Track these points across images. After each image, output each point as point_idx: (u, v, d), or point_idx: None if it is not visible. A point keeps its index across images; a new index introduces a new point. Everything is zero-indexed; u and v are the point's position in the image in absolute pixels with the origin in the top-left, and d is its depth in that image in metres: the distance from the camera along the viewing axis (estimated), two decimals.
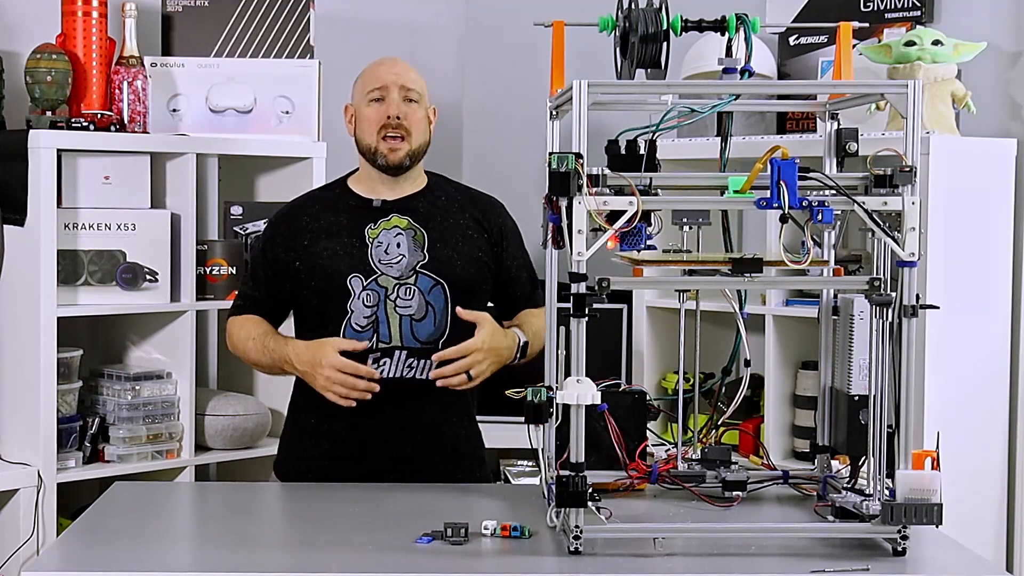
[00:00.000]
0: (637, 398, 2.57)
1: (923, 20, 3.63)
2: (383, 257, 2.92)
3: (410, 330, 2.90)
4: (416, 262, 2.92)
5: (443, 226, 2.97)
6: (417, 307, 2.90)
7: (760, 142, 3.53)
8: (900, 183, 2.27)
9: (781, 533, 2.37)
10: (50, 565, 2.34)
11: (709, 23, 2.50)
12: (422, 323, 2.90)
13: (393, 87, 2.95)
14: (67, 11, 3.61)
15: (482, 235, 3.00)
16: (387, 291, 2.90)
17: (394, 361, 2.89)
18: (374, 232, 2.94)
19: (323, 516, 2.55)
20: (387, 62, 3.02)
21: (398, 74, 2.97)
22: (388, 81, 2.96)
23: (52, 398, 3.43)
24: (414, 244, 2.93)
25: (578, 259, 2.22)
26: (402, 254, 2.92)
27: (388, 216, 2.95)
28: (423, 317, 2.90)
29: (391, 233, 2.93)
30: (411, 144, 2.95)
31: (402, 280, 2.91)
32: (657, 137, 2.41)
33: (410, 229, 2.94)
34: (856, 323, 2.40)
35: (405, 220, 2.95)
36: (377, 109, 2.95)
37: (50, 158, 3.41)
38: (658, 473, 2.53)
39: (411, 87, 2.96)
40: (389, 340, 2.89)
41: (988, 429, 3.47)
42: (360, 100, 2.99)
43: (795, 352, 3.61)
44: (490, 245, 3.00)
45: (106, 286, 3.59)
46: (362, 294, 2.90)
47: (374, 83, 2.96)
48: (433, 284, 2.91)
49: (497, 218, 3.05)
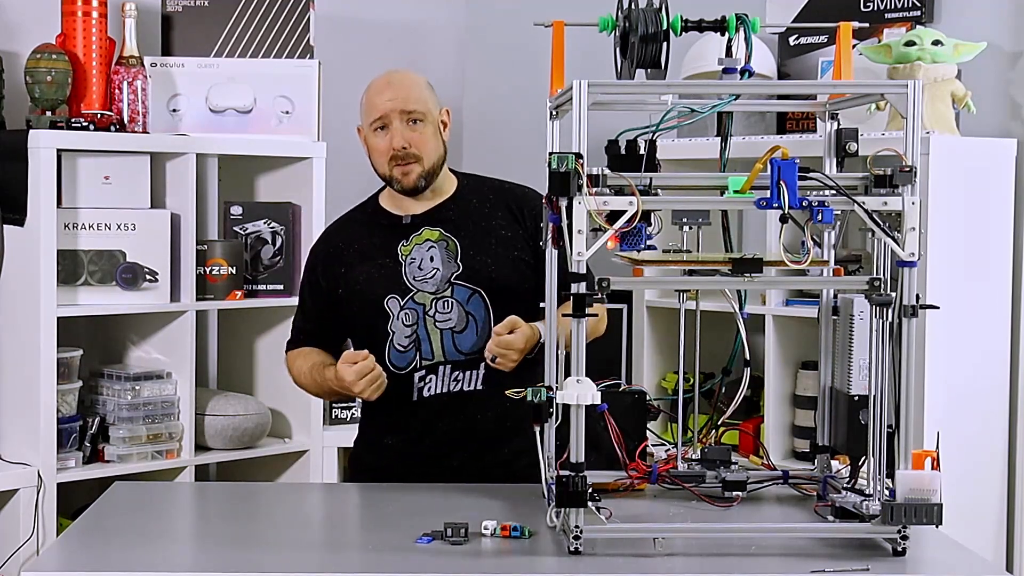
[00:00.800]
0: (637, 398, 2.57)
1: (923, 20, 3.63)
2: (417, 274, 2.89)
3: (452, 343, 2.87)
4: (451, 274, 2.89)
5: (476, 231, 2.92)
6: (457, 319, 2.88)
7: (760, 142, 3.53)
8: (900, 183, 2.27)
9: (781, 533, 2.37)
10: (50, 565, 2.34)
11: (709, 23, 2.50)
12: (463, 335, 2.88)
13: (393, 115, 2.87)
14: (67, 11, 3.61)
15: (517, 231, 2.94)
16: (425, 307, 2.88)
17: (439, 377, 2.88)
18: (406, 249, 2.91)
19: (323, 516, 2.55)
20: (383, 86, 2.92)
21: (394, 99, 2.88)
22: (386, 110, 2.88)
23: (52, 398, 3.43)
24: (447, 255, 2.90)
25: (578, 259, 2.21)
26: (436, 268, 2.89)
27: (419, 231, 2.92)
28: (464, 329, 2.88)
29: (423, 248, 2.91)
30: (423, 166, 2.90)
31: (438, 294, 2.88)
32: (657, 137, 2.40)
33: (442, 240, 2.91)
34: (856, 323, 2.40)
35: (436, 232, 2.92)
36: (382, 139, 2.89)
37: (50, 158, 3.41)
38: (658, 473, 2.53)
39: (412, 108, 2.88)
40: (432, 356, 2.87)
41: (988, 429, 3.47)
42: (366, 128, 2.93)
43: (795, 352, 3.61)
44: (527, 239, 2.94)
45: (106, 286, 3.59)
46: (400, 314, 2.88)
47: (374, 113, 2.90)
48: (471, 294, 2.88)
49: (532, 209, 2.94)
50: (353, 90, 3.06)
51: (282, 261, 3.87)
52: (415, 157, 2.89)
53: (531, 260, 2.92)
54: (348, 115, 3.04)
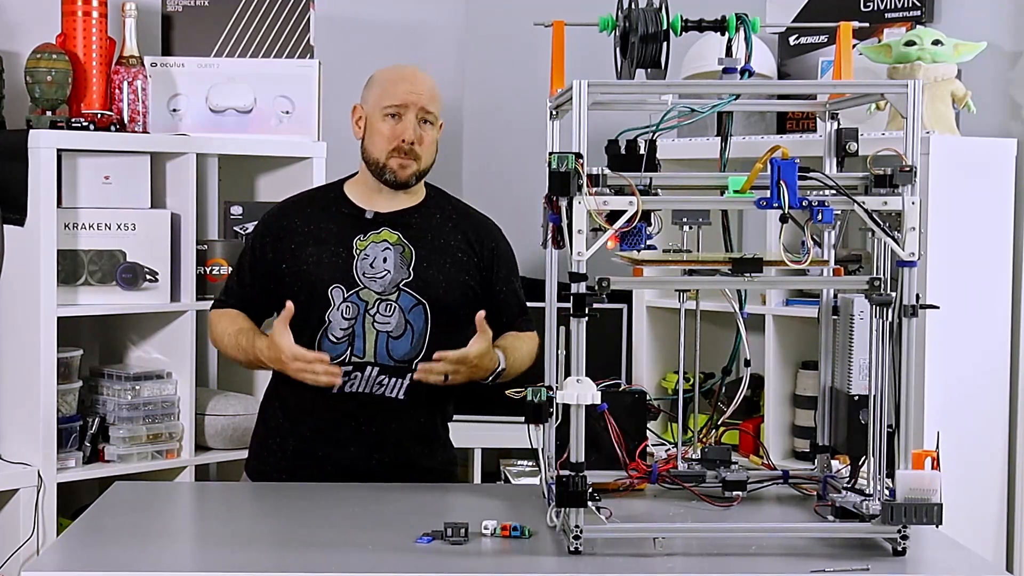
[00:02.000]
0: (637, 398, 2.57)
1: (923, 20, 3.63)
2: (368, 270, 2.89)
3: (385, 347, 2.87)
4: (400, 279, 2.88)
5: (433, 245, 2.93)
6: (396, 324, 2.87)
7: (760, 142, 3.53)
8: (900, 183, 2.27)
9: (781, 533, 2.37)
10: (50, 565, 2.34)
11: (709, 23, 2.50)
12: (399, 341, 2.87)
13: (412, 108, 2.88)
14: (67, 11, 3.61)
15: (471, 258, 2.95)
16: (367, 305, 2.87)
17: (364, 376, 2.87)
18: (362, 244, 2.90)
19: (323, 516, 2.55)
20: (408, 77, 2.93)
21: (419, 94, 2.89)
22: (408, 101, 2.88)
23: (52, 398, 3.43)
24: (401, 260, 2.89)
25: (578, 259, 2.22)
26: (387, 269, 2.89)
27: (379, 229, 2.92)
28: (400, 335, 2.88)
29: (379, 247, 2.90)
30: (420, 165, 2.91)
31: (384, 296, 2.88)
32: (657, 137, 2.41)
33: (399, 245, 2.90)
34: (856, 323, 2.40)
35: (395, 235, 2.91)
36: (392, 127, 2.89)
37: (50, 158, 3.41)
38: (658, 473, 2.53)
39: (430, 109, 2.90)
40: (363, 355, 2.87)
41: (988, 429, 3.47)
42: (374, 110, 2.92)
43: (795, 352, 3.61)
44: (479, 269, 2.96)
45: (106, 286, 3.59)
46: (342, 305, 2.88)
47: (392, 99, 2.89)
48: (415, 303, 2.88)
49: (490, 241, 2.99)
50: (353, 90, 3.06)
51: None
52: (416, 155, 2.90)
53: (478, 289, 2.95)
54: (348, 115, 3.03)
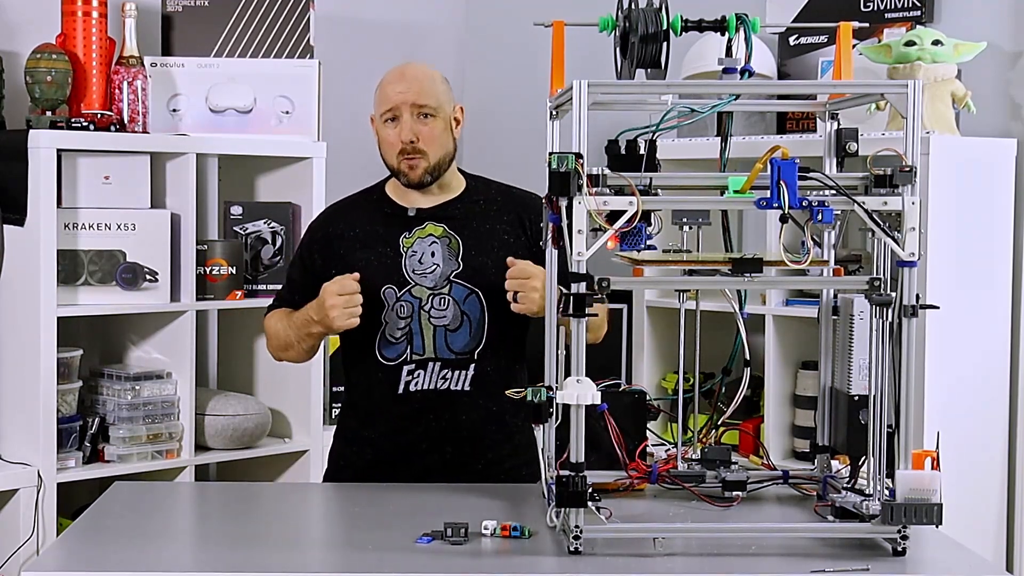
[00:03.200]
0: (637, 398, 2.57)
1: (923, 20, 3.63)
2: (417, 267, 2.88)
3: (444, 341, 2.87)
4: (450, 271, 2.88)
5: (479, 232, 2.92)
6: (452, 317, 2.87)
7: (760, 142, 3.53)
8: (900, 183, 2.27)
9: (781, 533, 2.37)
10: (50, 565, 2.34)
11: (709, 23, 2.50)
12: (456, 334, 2.87)
13: (404, 107, 2.87)
14: (67, 11, 3.61)
15: (520, 237, 2.94)
16: (421, 302, 2.87)
17: (428, 373, 2.87)
18: (408, 241, 2.90)
19: (323, 516, 2.55)
20: (398, 77, 2.91)
21: (407, 91, 2.87)
22: (398, 101, 2.87)
23: (52, 398, 3.43)
24: (449, 252, 2.89)
25: (578, 259, 2.21)
26: (436, 263, 2.88)
27: (423, 224, 2.91)
28: (458, 327, 2.87)
29: (426, 242, 2.90)
30: (429, 161, 2.89)
31: (436, 290, 2.87)
32: (657, 137, 2.40)
33: (445, 237, 2.90)
34: (856, 323, 2.40)
35: (440, 228, 2.91)
36: (392, 131, 2.88)
37: (50, 158, 3.41)
38: (658, 473, 2.53)
39: (424, 102, 2.87)
40: (423, 352, 2.87)
41: (988, 429, 3.48)
42: (378, 120, 2.92)
43: (795, 352, 3.62)
44: (528, 246, 2.92)
45: (106, 286, 3.59)
46: (396, 305, 2.87)
47: (386, 104, 2.89)
48: (468, 293, 2.88)
49: (537, 216, 2.90)
50: (353, 90, 3.07)
51: (282, 261, 3.87)
52: (421, 152, 2.88)
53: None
54: (348, 115, 3.04)
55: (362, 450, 2.95)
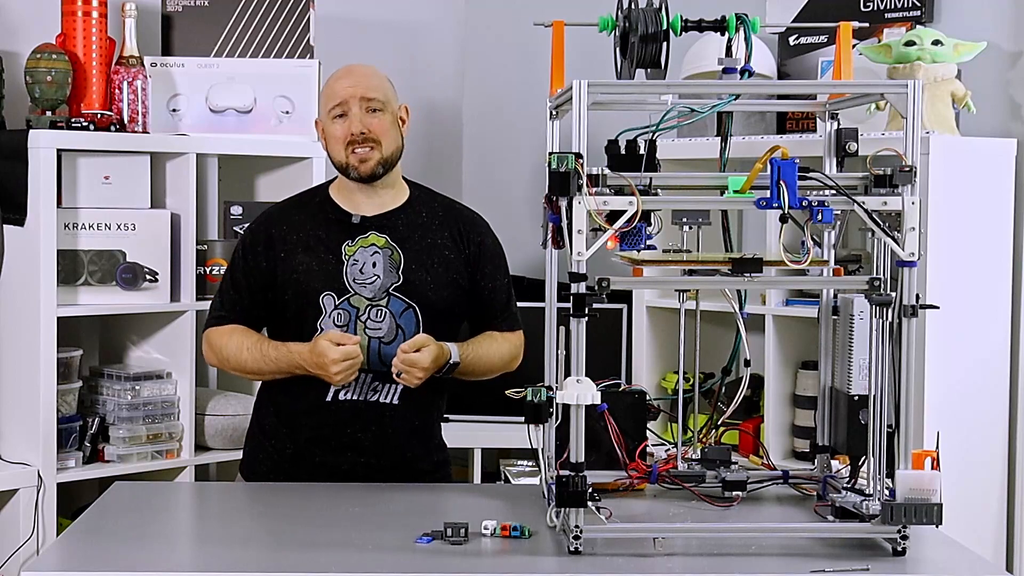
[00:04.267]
0: (637, 398, 2.57)
1: (923, 20, 3.63)
2: (358, 276, 2.88)
3: (378, 353, 2.86)
4: (390, 284, 2.87)
5: (420, 246, 2.92)
6: (387, 330, 2.87)
7: (760, 142, 3.53)
8: (900, 183, 2.27)
9: (781, 533, 2.37)
10: (50, 565, 2.34)
11: (709, 23, 2.50)
12: (390, 346, 2.85)
13: (352, 101, 2.87)
14: (67, 11, 3.61)
15: (459, 255, 2.94)
16: (359, 311, 2.87)
17: (358, 383, 2.86)
18: (351, 249, 2.89)
19: (323, 516, 2.55)
20: (345, 74, 2.93)
21: (355, 86, 2.88)
22: (346, 95, 2.88)
23: (52, 398, 3.43)
24: (390, 264, 2.88)
25: (578, 259, 2.22)
26: (377, 274, 2.88)
27: (366, 233, 2.90)
28: (392, 340, 2.86)
29: (368, 251, 2.89)
30: (382, 152, 2.89)
31: (374, 301, 2.87)
32: (657, 137, 2.41)
33: (387, 248, 2.89)
34: (856, 323, 2.40)
35: (383, 238, 2.90)
36: (341, 126, 2.88)
37: (50, 158, 3.41)
38: (658, 473, 2.53)
39: (372, 96, 2.88)
40: None
41: (988, 429, 3.47)
42: (324, 117, 2.93)
43: (795, 352, 3.61)
44: (466, 264, 2.95)
45: (106, 286, 3.59)
46: (333, 313, 2.87)
47: (333, 99, 2.89)
48: (405, 307, 2.88)
49: (476, 236, 2.98)
50: None
51: None
52: (374, 142, 2.88)
53: (467, 285, 2.95)
54: None
55: (281, 444, 2.95)
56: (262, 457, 2.99)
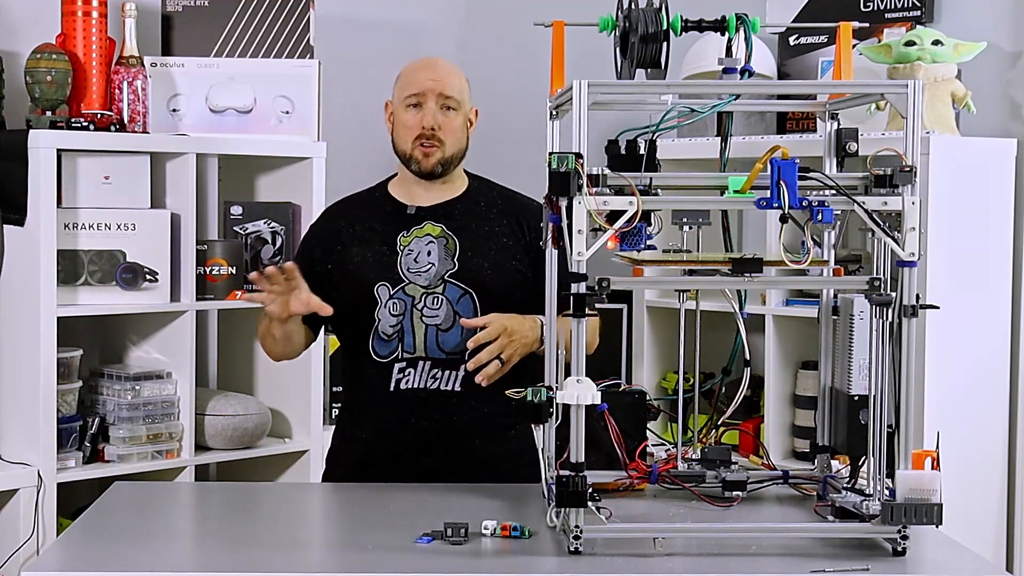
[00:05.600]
0: (637, 398, 2.57)
1: (923, 20, 3.63)
2: (412, 265, 2.89)
3: (435, 340, 2.87)
4: (445, 271, 2.88)
5: (477, 234, 2.92)
6: (444, 317, 2.87)
7: (760, 142, 3.53)
8: (900, 183, 2.27)
9: (781, 533, 2.37)
10: (50, 565, 2.34)
11: (709, 23, 2.50)
12: (448, 333, 2.86)
13: (431, 95, 2.90)
14: (67, 11, 3.61)
15: (519, 242, 2.94)
16: (414, 300, 2.87)
17: (418, 372, 2.87)
18: (406, 240, 2.91)
19: (323, 516, 2.55)
20: (427, 66, 2.96)
21: (437, 80, 2.91)
22: (426, 88, 2.90)
23: (52, 398, 3.43)
24: (445, 252, 2.89)
25: (578, 259, 2.21)
26: (432, 263, 2.88)
27: (421, 224, 2.92)
28: (450, 327, 2.87)
29: (423, 241, 2.90)
30: (444, 152, 2.91)
31: (430, 289, 2.87)
32: (657, 137, 2.41)
33: (442, 237, 2.90)
34: (856, 323, 2.40)
35: (438, 228, 2.91)
36: (413, 116, 2.90)
37: (50, 158, 3.41)
38: (658, 473, 2.53)
39: (450, 94, 2.91)
40: (414, 350, 2.87)
41: (988, 429, 3.48)
42: (398, 103, 2.94)
43: (795, 352, 3.62)
44: (527, 252, 2.93)
45: (106, 286, 3.59)
46: (388, 303, 2.87)
47: (411, 88, 2.91)
48: (462, 294, 2.88)
49: (537, 223, 2.92)
50: (353, 90, 3.07)
51: (282, 261, 3.87)
52: (440, 141, 2.90)
53: (527, 272, 2.93)
54: (348, 115, 3.04)
55: (354, 448, 2.96)
56: (338, 462, 3.00)
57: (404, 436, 2.89)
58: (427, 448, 2.88)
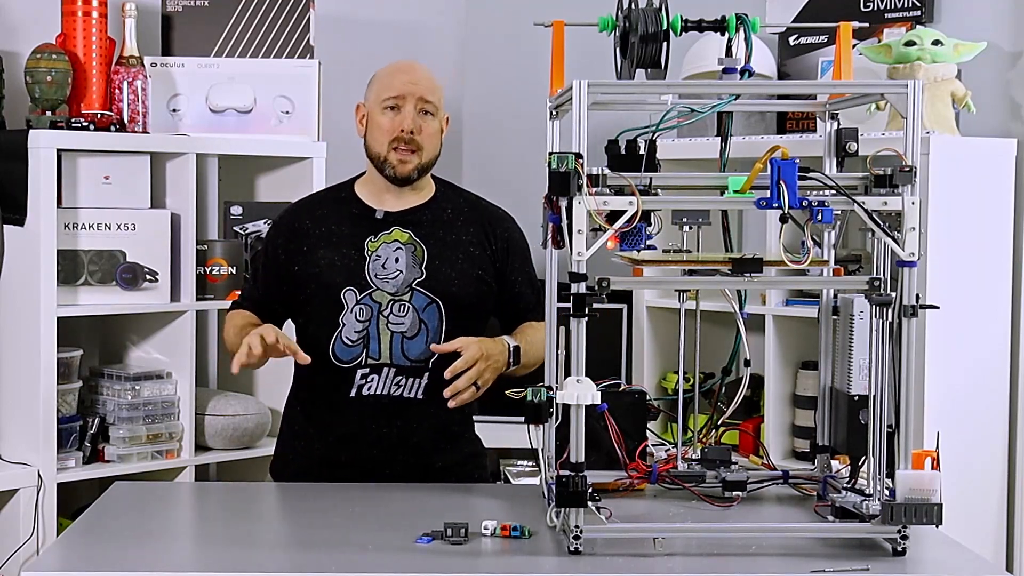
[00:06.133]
0: (637, 398, 2.57)
1: (923, 20, 3.63)
2: (380, 272, 2.88)
3: (400, 348, 2.86)
4: (413, 279, 2.87)
5: (445, 241, 2.92)
6: (410, 324, 2.87)
7: (760, 142, 3.53)
8: (900, 183, 2.27)
9: (781, 533, 2.37)
10: (50, 565, 2.34)
11: (709, 23, 2.50)
12: (413, 341, 2.86)
13: (410, 98, 2.88)
14: (67, 11, 3.61)
15: (485, 251, 2.94)
16: (380, 307, 2.87)
17: (382, 378, 2.86)
18: (374, 245, 2.89)
19: (323, 516, 2.55)
20: (406, 68, 2.94)
21: (415, 84, 2.89)
22: (405, 92, 2.88)
23: (52, 398, 3.43)
24: (413, 260, 2.88)
25: (578, 259, 2.22)
26: (399, 270, 2.88)
27: (389, 229, 2.91)
28: (415, 335, 2.87)
29: (391, 247, 2.89)
30: (421, 158, 2.90)
31: (397, 296, 2.87)
32: (657, 137, 2.41)
33: (410, 244, 2.89)
34: (856, 323, 2.40)
35: (406, 234, 2.90)
36: (391, 119, 2.89)
37: (50, 158, 3.41)
38: (658, 473, 2.53)
39: (429, 98, 2.89)
40: (379, 357, 2.86)
41: (988, 429, 3.47)
42: (374, 105, 2.92)
43: (795, 352, 3.61)
44: (492, 261, 2.95)
45: (106, 286, 3.59)
46: (355, 308, 2.87)
47: (390, 91, 2.89)
48: (428, 302, 2.87)
49: (503, 232, 2.98)
50: (353, 90, 3.06)
51: None
52: (417, 146, 2.89)
53: (492, 282, 2.94)
54: (348, 115, 3.03)
55: (309, 444, 2.95)
56: (291, 457, 3.00)
57: (364, 442, 2.88)
58: (386, 453, 2.88)
